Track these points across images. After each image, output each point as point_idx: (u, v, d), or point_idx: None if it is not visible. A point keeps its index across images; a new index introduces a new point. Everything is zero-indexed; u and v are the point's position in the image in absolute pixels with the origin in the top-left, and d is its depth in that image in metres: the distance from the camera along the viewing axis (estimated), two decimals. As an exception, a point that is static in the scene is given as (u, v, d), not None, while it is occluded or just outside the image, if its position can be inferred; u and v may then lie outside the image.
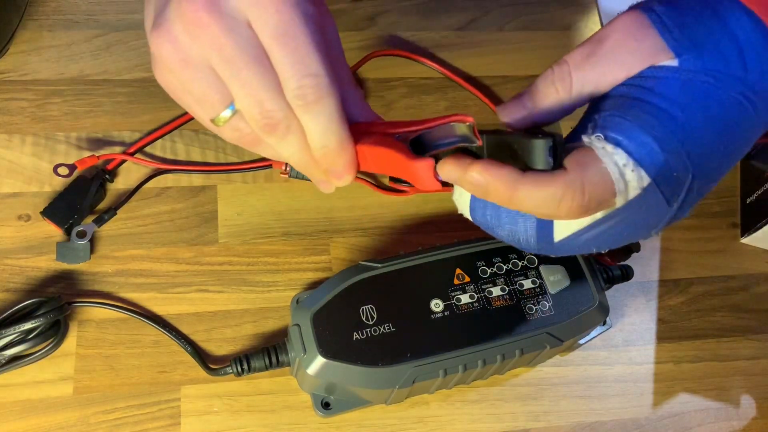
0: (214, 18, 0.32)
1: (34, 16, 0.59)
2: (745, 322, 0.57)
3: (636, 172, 0.34)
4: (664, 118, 0.34)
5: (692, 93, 0.34)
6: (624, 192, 0.34)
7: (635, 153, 0.34)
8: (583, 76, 0.36)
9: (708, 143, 0.35)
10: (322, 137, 0.35)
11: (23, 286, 0.50)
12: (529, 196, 0.34)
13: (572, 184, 0.34)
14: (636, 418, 0.52)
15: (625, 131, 0.34)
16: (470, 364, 0.45)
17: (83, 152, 0.55)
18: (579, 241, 0.37)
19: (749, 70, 0.35)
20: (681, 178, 0.35)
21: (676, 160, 0.34)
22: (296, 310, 0.46)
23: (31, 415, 0.47)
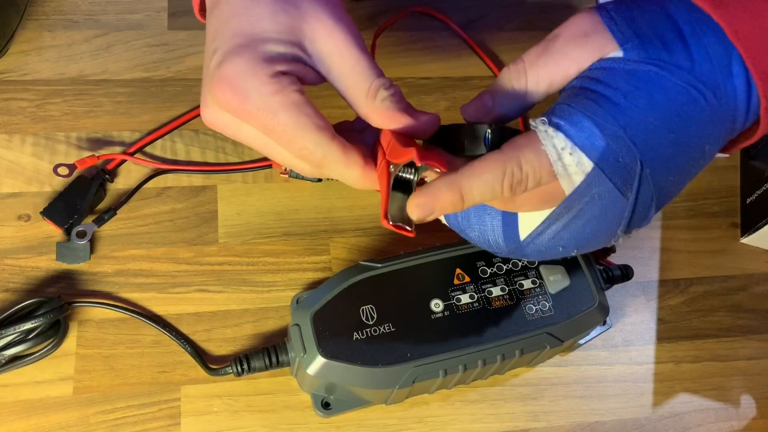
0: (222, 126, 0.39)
1: (34, 16, 0.59)
2: (745, 322, 0.57)
3: (575, 155, 0.35)
4: (606, 104, 0.35)
5: (635, 81, 0.36)
6: (565, 175, 0.35)
7: (575, 136, 0.35)
8: (537, 72, 0.38)
9: (653, 129, 0.35)
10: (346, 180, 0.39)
11: (23, 286, 0.50)
12: (474, 186, 0.36)
13: (509, 160, 0.35)
14: (636, 418, 0.52)
15: (566, 116, 0.36)
16: (470, 364, 0.45)
17: (83, 152, 0.55)
18: (544, 239, 0.39)
19: (695, 61, 0.36)
20: (629, 166, 0.35)
21: (619, 144, 0.35)
22: (296, 310, 0.46)
23: (31, 415, 0.47)
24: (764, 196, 0.58)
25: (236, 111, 0.37)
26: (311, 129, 0.37)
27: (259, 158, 0.56)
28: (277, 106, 0.36)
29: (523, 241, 0.40)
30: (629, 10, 0.37)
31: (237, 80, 0.36)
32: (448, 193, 0.36)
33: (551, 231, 0.38)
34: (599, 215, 0.37)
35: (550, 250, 0.40)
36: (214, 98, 0.37)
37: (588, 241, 0.39)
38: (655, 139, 0.36)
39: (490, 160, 0.36)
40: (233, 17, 0.38)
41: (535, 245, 0.40)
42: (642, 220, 0.38)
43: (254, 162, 0.56)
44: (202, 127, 0.57)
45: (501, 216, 0.41)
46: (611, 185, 0.36)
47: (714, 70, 0.36)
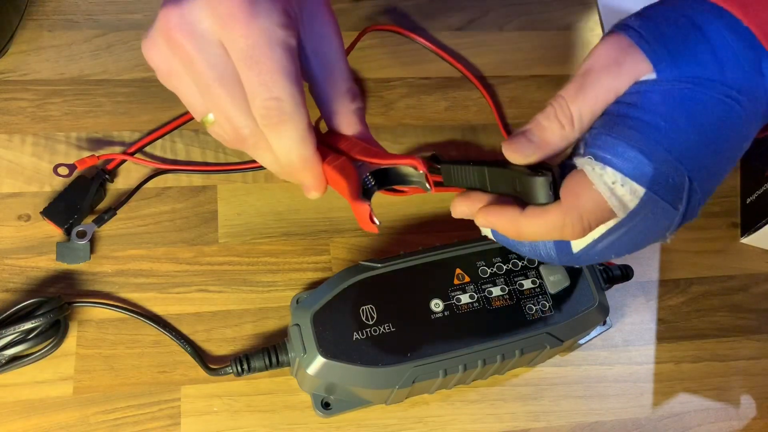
0: (185, 37, 0.34)
1: (34, 16, 0.59)
2: (745, 322, 0.57)
3: (627, 186, 0.36)
4: (648, 130, 0.36)
5: (672, 101, 0.36)
6: (620, 206, 0.36)
7: (624, 169, 0.36)
8: (579, 107, 0.38)
9: (696, 145, 0.36)
10: (286, 155, 0.37)
11: (23, 286, 0.50)
12: (533, 232, 0.38)
13: (569, 213, 0.37)
14: (636, 418, 0.52)
15: (611, 149, 0.36)
16: (470, 364, 0.45)
17: (83, 152, 0.55)
18: (596, 250, 0.39)
19: (726, 70, 0.36)
20: (678, 182, 0.36)
21: (667, 166, 0.36)
22: (296, 310, 0.46)
23: (31, 415, 0.47)
24: (764, 196, 0.58)
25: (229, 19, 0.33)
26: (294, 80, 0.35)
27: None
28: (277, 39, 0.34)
29: (576, 253, 0.40)
30: (657, 26, 0.37)
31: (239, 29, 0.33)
32: (508, 227, 0.39)
33: (604, 243, 0.39)
34: (652, 226, 0.38)
35: (602, 257, 0.40)
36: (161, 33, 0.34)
37: (638, 247, 0.40)
38: (699, 153, 0.36)
39: (551, 211, 0.37)
40: None
41: (589, 256, 0.40)
42: (690, 219, 0.39)
43: (254, 162, 0.56)
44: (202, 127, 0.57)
45: None
46: (664, 203, 0.37)
47: (746, 74, 0.36)
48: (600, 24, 0.67)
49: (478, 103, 0.62)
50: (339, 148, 0.40)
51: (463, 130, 0.60)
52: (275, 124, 0.35)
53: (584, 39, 0.67)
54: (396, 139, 0.59)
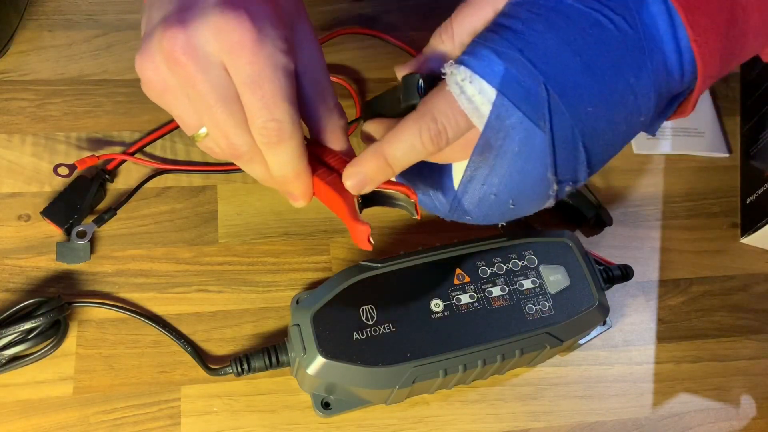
0: (190, 59, 0.34)
1: (34, 16, 0.59)
2: (745, 322, 0.57)
3: (475, 83, 0.35)
4: (504, 31, 0.36)
5: (536, 9, 0.36)
6: (472, 108, 0.36)
7: (473, 66, 0.35)
8: (461, 23, 0.38)
9: (554, 52, 0.35)
10: (281, 169, 0.38)
11: (23, 286, 0.50)
12: (396, 150, 0.37)
13: (422, 117, 0.36)
14: (636, 418, 0.52)
15: (468, 50, 0.36)
16: (470, 364, 0.45)
17: (83, 152, 0.55)
18: (476, 186, 0.39)
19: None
20: (534, 90, 0.35)
21: (519, 67, 0.35)
22: (296, 310, 0.46)
23: (31, 415, 0.47)
24: (764, 196, 0.58)
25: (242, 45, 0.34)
26: (293, 103, 0.36)
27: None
28: (280, 64, 0.35)
29: (458, 191, 0.40)
30: None
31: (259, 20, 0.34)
32: (373, 160, 0.37)
33: (480, 175, 0.38)
34: (520, 152, 0.36)
35: (485, 200, 0.39)
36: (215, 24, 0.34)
37: (518, 187, 0.38)
38: (559, 62, 0.35)
39: (407, 120, 0.37)
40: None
41: (470, 196, 0.40)
42: (572, 163, 0.37)
43: (254, 162, 0.56)
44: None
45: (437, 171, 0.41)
46: (520, 114, 0.35)
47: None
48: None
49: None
50: (326, 162, 0.40)
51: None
52: (274, 144, 0.36)
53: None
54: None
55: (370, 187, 0.38)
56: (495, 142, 0.37)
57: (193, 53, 0.34)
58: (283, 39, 0.35)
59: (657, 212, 0.60)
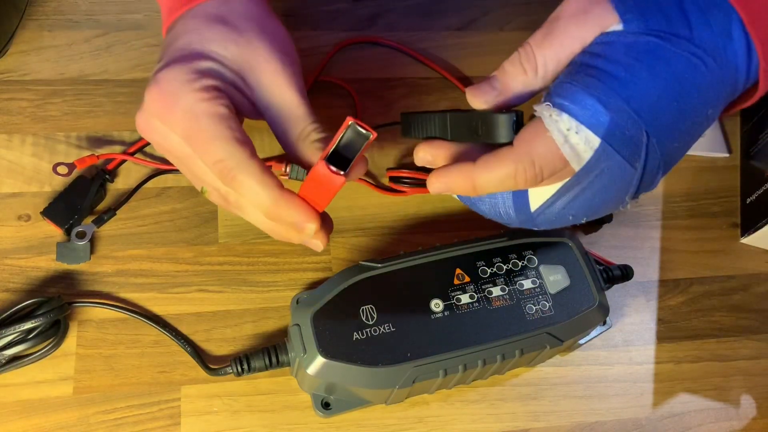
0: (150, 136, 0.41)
1: (34, 16, 0.59)
2: (745, 322, 0.57)
3: (581, 134, 0.35)
4: (608, 79, 0.36)
5: (636, 53, 0.36)
6: (574, 155, 0.36)
7: (579, 115, 0.35)
8: (545, 54, 0.38)
9: (656, 99, 0.36)
10: (257, 202, 0.39)
11: (23, 286, 0.50)
12: (487, 182, 0.38)
13: (521, 159, 0.36)
14: (636, 418, 0.52)
15: (568, 96, 0.36)
16: (470, 364, 0.45)
17: (83, 152, 0.55)
18: (554, 210, 0.39)
19: (694, 28, 0.36)
20: (635, 136, 0.36)
21: (624, 117, 0.35)
22: (296, 310, 0.46)
23: (31, 415, 0.47)
24: (764, 196, 0.58)
25: (163, 114, 0.39)
26: (230, 140, 0.38)
27: (259, 158, 0.56)
28: (201, 112, 0.38)
29: (534, 212, 0.40)
30: None
31: (169, 84, 0.39)
32: (462, 179, 0.38)
33: (561, 202, 0.39)
34: (608, 185, 0.37)
35: (560, 220, 0.40)
36: (147, 104, 0.40)
37: (597, 210, 0.39)
38: (659, 108, 0.36)
39: (504, 157, 0.37)
40: (184, 34, 0.41)
41: (546, 216, 0.40)
42: (649, 185, 0.39)
43: (254, 162, 0.56)
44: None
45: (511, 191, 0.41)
46: (620, 158, 0.36)
47: (714, 36, 0.36)
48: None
49: (478, 103, 0.61)
50: None
51: (463, 130, 0.60)
52: (231, 181, 0.39)
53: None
54: (396, 139, 0.58)
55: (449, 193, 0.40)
56: (586, 178, 0.37)
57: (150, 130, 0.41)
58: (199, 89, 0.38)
59: (657, 212, 0.60)
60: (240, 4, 0.42)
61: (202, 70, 0.39)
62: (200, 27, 0.41)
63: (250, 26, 0.42)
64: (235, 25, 0.41)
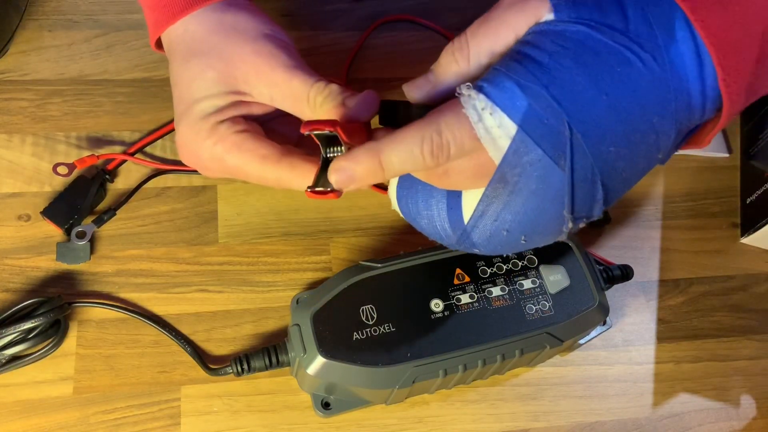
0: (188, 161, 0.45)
1: (34, 16, 0.59)
2: (745, 322, 0.57)
3: (495, 115, 0.34)
4: (529, 63, 0.34)
5: (562, 41, 0.34)
6: (489, 139, 0.34)
7: (495, 97, 0.34)
8: (478, 43, 0.36)
9: (581, 90, 0.34)
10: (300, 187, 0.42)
11: (23, 286, 0.50)
12: (394, 156, 0.35)
13: (427, 127, 0.35)
14: (636, 418, 0.52)
15: (490, 78, 0.35)
16: (470, 364, 0.45)
17: (83, 152, 0.55)
18: (487, 222, 0.38)
19: (630, 21, 0.34)
20: (556, 128, 0.34)
21: (543, 104, 0.34)
22: (296, 310, 0.46)
23: (31, 415, 0.47)
24: (764, 196, 0.58)
25: (196, 165, 0.44)
26: (257, 162, 0.42)
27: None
28: (222, 153, 0.42)
29: (468, 224, 0.39)
30: None
31: (187, 145, 0.43)
32: (366, 158, 0.35)
33: (492, 211, 0.37)
34: (537, 190, 0.35)
35: (496, 236, 0.38)
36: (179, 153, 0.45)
37: (533, 224, 0.37)
38: (584, 99, 0.34)
39: (411, 127, 0.35)
40: (174, 86, 0.44)
41: (480, 230, 0.38)
42: (589, 201, 0.36)
43: (254, 162, 0.56)
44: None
45: (446, 199, 0.40)
46: (540, 152, 0.34)
47: (653, 32, 0.34)
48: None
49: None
50: None
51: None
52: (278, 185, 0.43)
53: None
54: (396, 139, 0.58)
55: (354, 187, 0.36)
56: (511, 178, 0.35)
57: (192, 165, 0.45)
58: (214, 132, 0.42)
59: (657, 212, 0.60)
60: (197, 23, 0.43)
61: (201, 116, 0.42)
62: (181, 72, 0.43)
63: (216, 39, 0.43)
64: (203, 50, 0.43)
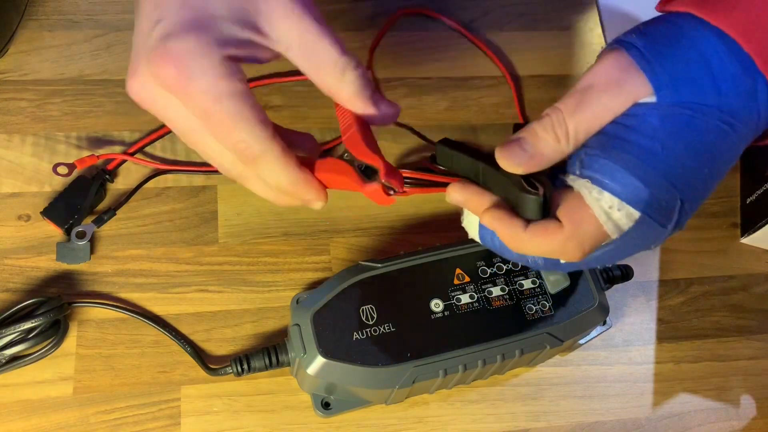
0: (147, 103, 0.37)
1: (34, 16, 0.59)
2: (745, 322, 0.57)
3: (623, 211, 0.37)
4: (645, 155, 0.37)
5: (671, 127, 0.37)
6: (615, 229, 0.37)
7: (621, 194, 0.37)
8: (576, 124, 0.38)
9: (691, 171, 0.37)
10: (274, 181, 0.38)
11: (23, 286, 0.50)
12: (532, 248, 0.39)
13: (570, 240, 0.37)
14: (636, 418, 0.52)
15: (609, 173, 0.37)
16: (470, 364, 0.45)
17: (83, 152, 0.55)
18: (583, 261, 0.40)
19: (723, 95, 0.37)
20: (670, 204, 0.37)
21: (662, 191, 0.37)
22: (296, 310, 0.46)
23: (31, 415, 0.47)
24: (764, 196, 0.58)
25: (176, 90, 0.35)
26: (254, 121, 0.36)
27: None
28: (222, 92, 0.35)
29: (563, 264, 0.41)
30: (658, 46, 0.37)
31: (185, 58, 0.35)
32: (508, 237, 0.39)
33: (593, 257, 0.40)
34: (639, 242, 0.39)
35: (587, 266, 0.41)
36: (153, 71, 0.36)
37: (622, 259, 0.41)
38: (694, 178, 0.37)
39: (553, 234, 0.38)
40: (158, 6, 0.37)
41: (574, 266, 0.41)
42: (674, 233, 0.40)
43: (254, 162, 0.56)
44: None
45: None
46: (655, 223, 0.37)
47: (741, 100, 0.37)
48: (600, 24, 0.67)
49: (478, 103, 0.62)
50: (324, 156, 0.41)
51: (463, 130, 0.60)
52: (251, 161, 0.37)
53: (584, 39, 0.67)
54: (396, 138, 0.58)
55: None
56: (620, 240, 0.38)
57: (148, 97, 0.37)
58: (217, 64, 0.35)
59: (657, 212, 0.60)
60: None
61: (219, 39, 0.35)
62: None
63: None
64: None
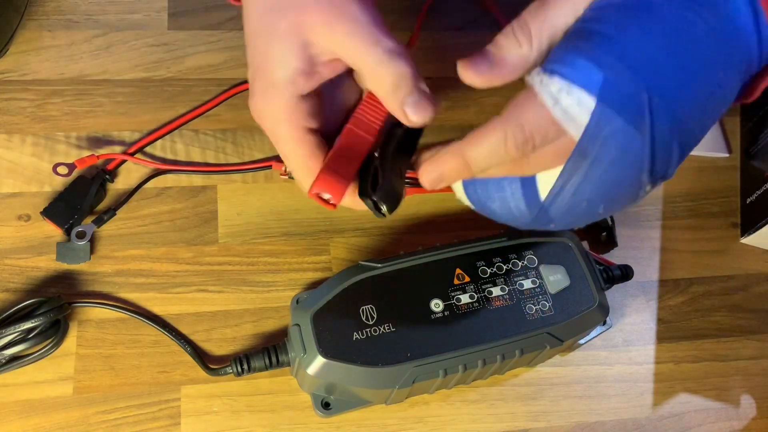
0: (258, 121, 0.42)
1: (34, 16, 0.59)
2: (745, 322, 0.57)
3: (573, 94, 0.34)
4: (598, 38, 0.34)
5: (626, 11, 0.35)
6: (568, 119, 0.34)
7: (569, 75, 0.34)
8: (540, 25, 0.36)
9: (652, 54, 0.34)
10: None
11: (23, 286, 0.50)
12: (478, 153, 0.37)
13: (508, 122, 0.35)
14: (636, 418, 0.52)
15: (558, 58, 0.35)
16: (470, 364, 0.45)
17: (83, 152, 0.55)
18: (566, 196, 0.37)
19: None
20: (634, 95, 0.34)
21: (619, 74, 0.34)
22: (296, 310, 0.46)
23: (31, 415, 0.47)
24: (764, 196, 0.58)
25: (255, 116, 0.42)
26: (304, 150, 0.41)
27: (259, 158, 0.56)
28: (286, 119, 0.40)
29: (545, 201, 0.38)
30: None
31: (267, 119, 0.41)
32: (452, 160, 0.37)
33: (571, 185, 0.37)
34: (617, 158, 0.35)
35: (575, 208, 0.38)
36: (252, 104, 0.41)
37: (612, 192, 0.37)
38: (657, 63, 0.34)
39: (491, 124, 0.36)
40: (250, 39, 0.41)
41: (558, 205, 0.38)
42: (666, 163, 0.36)
43: (254, 162, 0.56)
44: (202, 127, 0.57)
45: (519, 179, 0.39)
46: (621, 120, 0.34)
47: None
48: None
49: (478, 103, 0.62)
50: None
51: (463, 130, 0.60)
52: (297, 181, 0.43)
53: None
54: (396, 139, 0.58)
55: (444, 184, 0.39)
56: (591, 151, 0.35)
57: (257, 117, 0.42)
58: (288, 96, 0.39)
59: (657, 212, 0.60)
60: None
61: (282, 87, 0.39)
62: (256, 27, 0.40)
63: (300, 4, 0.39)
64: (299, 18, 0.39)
